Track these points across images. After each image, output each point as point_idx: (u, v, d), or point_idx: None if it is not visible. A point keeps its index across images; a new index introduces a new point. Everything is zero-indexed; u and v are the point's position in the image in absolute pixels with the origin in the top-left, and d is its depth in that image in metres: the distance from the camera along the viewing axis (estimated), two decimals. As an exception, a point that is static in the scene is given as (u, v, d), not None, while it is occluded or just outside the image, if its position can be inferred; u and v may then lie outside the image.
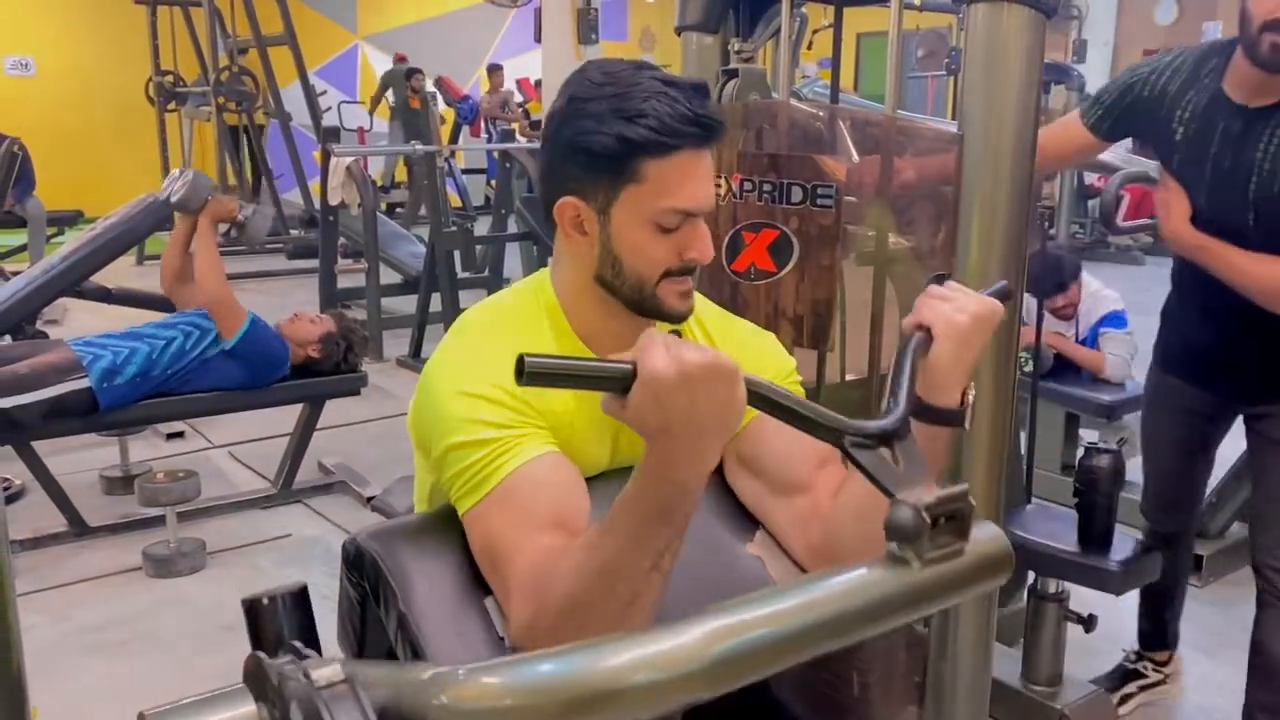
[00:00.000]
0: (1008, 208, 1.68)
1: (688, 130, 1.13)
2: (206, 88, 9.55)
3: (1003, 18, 1.63)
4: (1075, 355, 3.86)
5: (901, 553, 0.79)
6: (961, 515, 0.80)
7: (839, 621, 0.78)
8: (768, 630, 0.74)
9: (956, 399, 1.14)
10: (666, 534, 0.99)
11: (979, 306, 1.15)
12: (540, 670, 0.70)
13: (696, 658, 0.71)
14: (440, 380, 1.20)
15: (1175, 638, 2.67)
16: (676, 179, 1.15)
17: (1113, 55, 11.53)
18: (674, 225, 1.17)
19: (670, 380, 0.88)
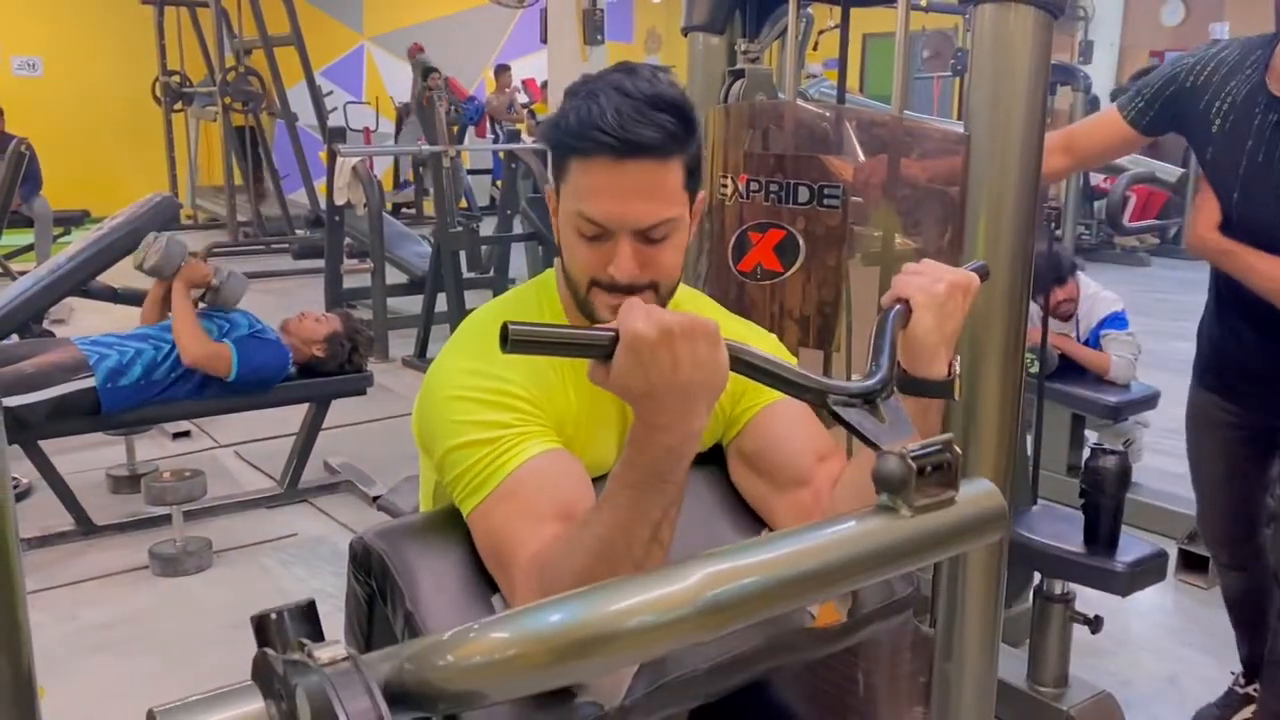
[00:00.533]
0: (1014, 208, 1.68)
1: (600, 139, 1.10)
2: (213, 88, 9.59)
3: (1010, 18, 1.63)
4: (1080, 356, 3.85)
5: (891, 502, 0.81)
6: (948, 464, 0.81)
7: (830, 569, 0.79)
8: (760, 576, 0.76)
9: (943, 370, 1.16)
10: (662, 502, 1.00)
11: (955, 276, 1.17)
12: (539, 619, 0.72)
13: (690, 601, 0.73)
14: (442, 383, 1.21)
15: None
16: (587, 185, 1.13)
17: (1119, 56, 11.50)
18: (589, 234, 1.15)
19: (651, 340, 0.90)
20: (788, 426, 1.31)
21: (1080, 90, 8.17)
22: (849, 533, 0.80)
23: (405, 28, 13.63)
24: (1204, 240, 2.03)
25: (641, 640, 0.73)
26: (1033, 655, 2.48)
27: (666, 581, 0.74)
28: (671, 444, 0.97)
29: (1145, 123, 2.09)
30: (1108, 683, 2.57)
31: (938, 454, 0.81)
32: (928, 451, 0.80)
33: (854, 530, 0.81)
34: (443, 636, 0.72)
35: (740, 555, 0.77)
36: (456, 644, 0.70)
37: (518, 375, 1.19)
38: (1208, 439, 2.32)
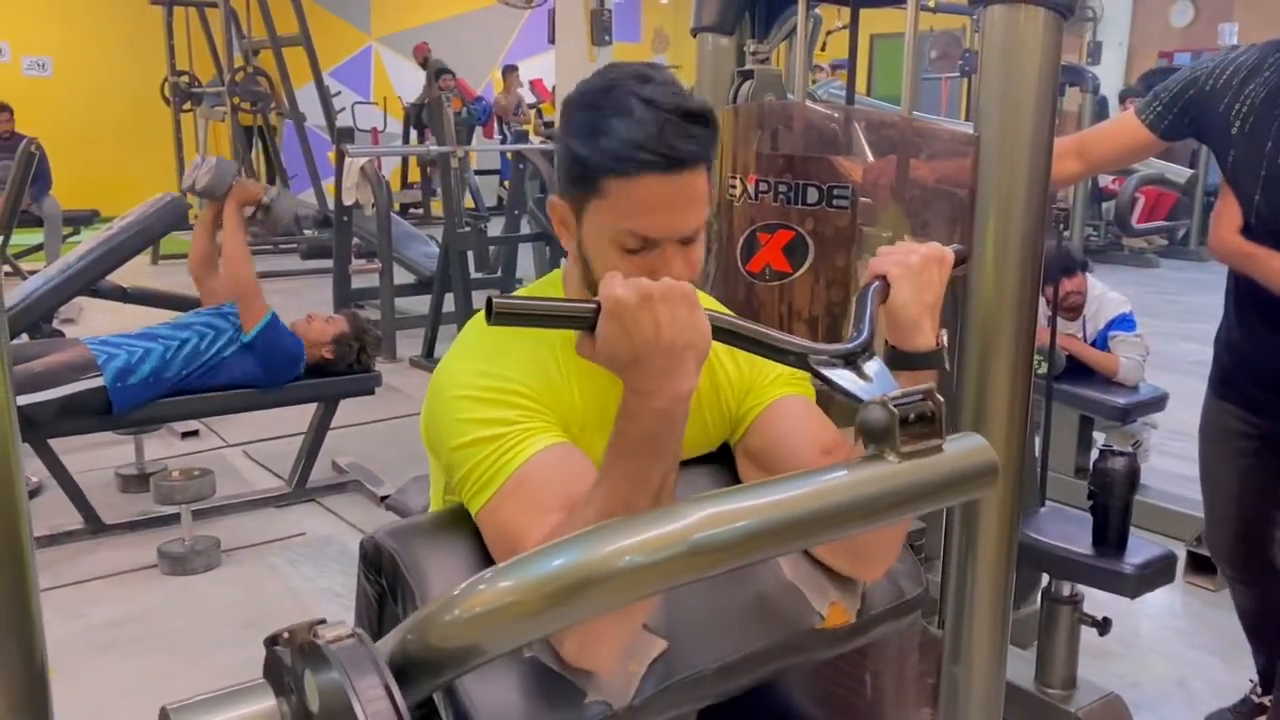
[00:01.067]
0: (1024, 209, 1.68)
1: (645, 158, 1.10)
2: (222, 88, 9.59)
3: (1019, 19, 1.62)
4: (1088, 358, 3.85)
5: (877, 450, 0.82)
6: (931, 413, 0.83)
7: (820, 515, 0.80)
8: (750, 521, 0.77)
9: (930, 341, 1.18)
10: (660, 468, 1.02)
11: (928, 249, 1.22)
12: (534, 566, 0.74)
13: (680, 541, 0.74)
14: (447, 383, 1.21)
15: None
16: (636, 204, 1.12)
17: (1128, 57, 11.48)
18: (635, 248, 1.14)
19: (631, 304, 0.95)
20: (792, 422, 1.31)
21: (1089, 91, 8.16)
22: (838, 480, 0.82)
23: (413, 28, 13.66)
24: (1225, 244, 2.02)
25: (634, 580, 0.74)
26: (1041, 657, 2.48)
27: (659, 523, 0.76)
28: (662, 408, 1.00)
29: (1164, 127, 2.08)
30: (1116, 685, 2.57)
31: (920, 402, 0.83)
32: (910, 400, 0.82)
33: (843, 478, 0.82)
34: (439, 600, 0.74)
35: (732, 499, 0.78)
36: (454, 602, 0.72)
37: (522, 374, 1.19)
38: (1223, 452, 2.27)
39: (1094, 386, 3.81)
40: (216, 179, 3.54)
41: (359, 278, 6.36)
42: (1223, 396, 2.25)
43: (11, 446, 0.76)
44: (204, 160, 3.64)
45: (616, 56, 7.64)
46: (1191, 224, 9.37)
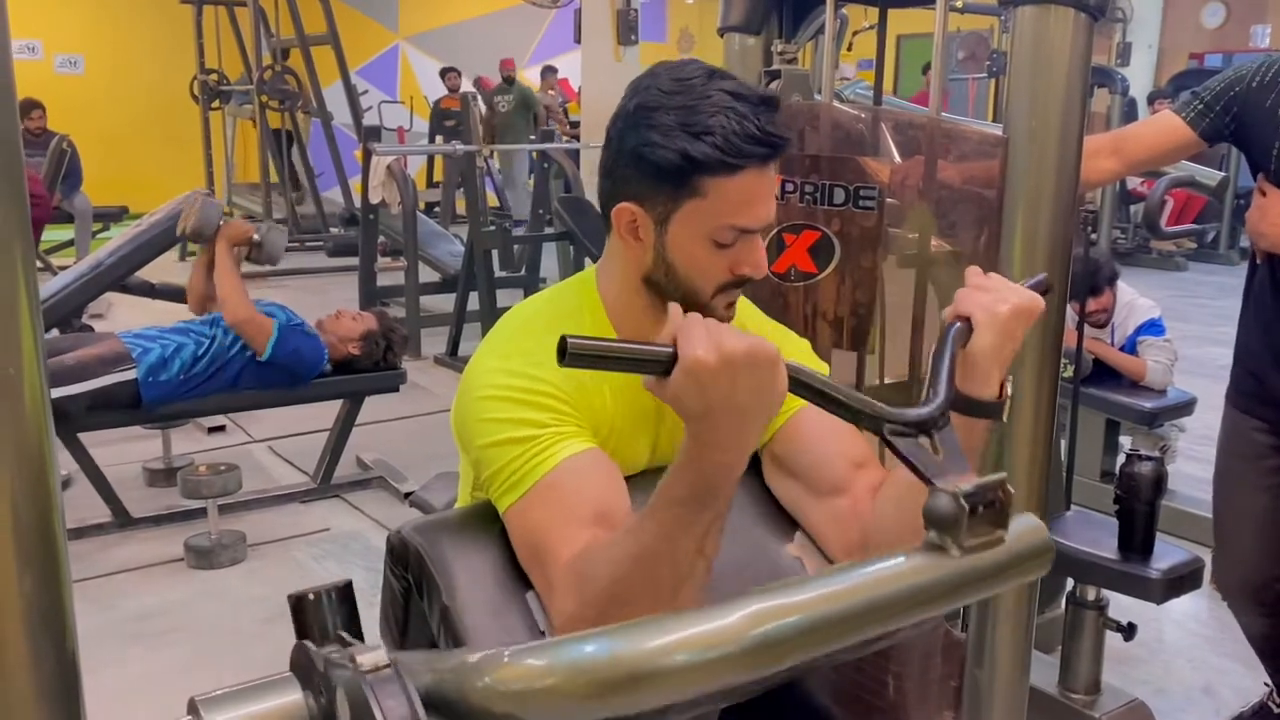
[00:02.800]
0: (1052, 212, 1.67)
1: (753, 150, 1.11)
2: (250, 87, 9.68)
3: (1049, 20, 1.62)
4: (1116, 361, 3.82)
5: (940, 540, 0.80)
6: (1000, 504, 0.80)
7: (877, 608, 0.78)
8: (807, 615, 0.75)
9: (995, 391, 1.14)
10: (708, 516, 1.00)
11: (1019, 298, 1.14)
12: (582, 651, 0.71)
13: (735, 639, 0.72)
14: (481, 379, 1.21)
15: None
16: (739, 198, 1.14)
17: (1157, 59, 11.38)
18: (731, 241, 1.16)
19: (711, 366, 0.90)
20: (822, 431, 1.31)
21: (1118, 93, 8.09)
22: (896, 571, 0.79)
23: (440, 27, 13.72)
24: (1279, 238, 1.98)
25: (683, 678, 0.71)
26: (1065, 662, 2.46)
27: (710, 619, 0.72)
28: (723, 462, 0.97)
29: (1205, 125, 2.05)
30: (1141, 691, 2.55)
31: (990, 494, 0.80)
32: (981, 492, 0.79)
33: (902, 568, 0.79)
34: (484, 655, 0.72)
35: (786, 593, 0.75)
36: (495, 666, 0.70)
37: (554, 374, 1.19)
38: (1243, 470, 2.21)
39: (1120, 390, 3.78)
40: (202, 221, 3.53)
41: (384, 275, 6.40)
42: (1245, 410, 2.19)
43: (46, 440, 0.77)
44: (188, 197, 3.63)
45: (642, 56, 7.65)
46: (1221, 227, 9.29)
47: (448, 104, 11.34)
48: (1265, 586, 2.24)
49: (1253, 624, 2.32)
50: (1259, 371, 2.15)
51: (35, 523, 0.77)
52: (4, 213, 0.71)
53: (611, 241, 1.26)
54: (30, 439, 0.75)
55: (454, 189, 10.02)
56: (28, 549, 0.76)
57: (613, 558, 1.03)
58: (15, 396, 0.73)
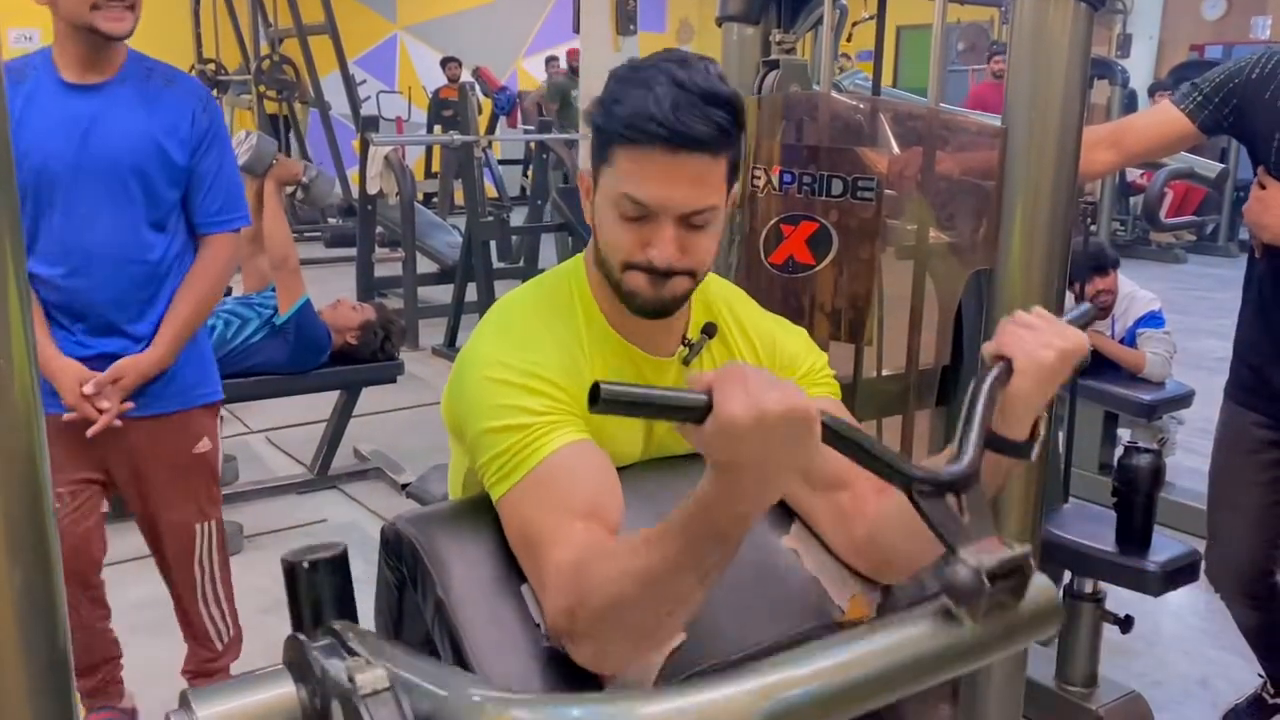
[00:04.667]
0: (1051, 203, 1.66)
1: (654, 130, 1.10)
2: (247, 76, 9.65)
3: (1049, 10, 1.61)
4: (1115, 353, 3.82)
5: (956, 611, 0.79)
6: (1021, 577, 0.79)
7: (885, 679, 0.77)
8: (815, 687, 0.74)
9: (1027, 433, 1.10)
10: (719, 554, 0.98)
11: (1065, 342, 1.08)
12: (584, 715, 0.70)
13: (748, 713, 0.70)
14: (474, 366, 1.21)
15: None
16: (640, 172, 1.14)
17: (1158, 50, 11.36)
18: (633, 215, 1.16)
19: (746, 425, 0.86)
20: None
21: (1118, 84, 8.08)
22: (907, 641, 0.79)
23: (438, 17, 13.67)
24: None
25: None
26: (1062, 654, 2.47)
27: (722, 688, 0.71)
28: (742, 513, 0.95)
29: (1203, 116, 2.05)
30: (1137, 683, 2.56)
31: (1012, 568, 0.79)
32: (1003, 567, 0.78)
33: (913, 637, 0.79)
34: (488, 696, 0.70)
35: (794, 665, 0.75)
36: (497, 709, 0.69)
37: (550, 361, 1.19)
38: (1241, 464, 2.20)
39: (1119, 382, 3.78)
40: (256, 158, 3.57)
41: (382, 266, 6.38)
42: (1243, 404, 2.19)
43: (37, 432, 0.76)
44: (246, 135, 3.66)
45: (641, 46, 7.62)
46: (1221, 219, 9.28)
47: (446, 94, 11.32)
48: (1257, 579, 2.25)
49: (1245, 617, 2.32)
50: (1258, 365, 2.15)
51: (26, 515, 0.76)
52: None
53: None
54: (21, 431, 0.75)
55: (452, 180, 10.01)
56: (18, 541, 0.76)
57: (614, 574, 1.02)
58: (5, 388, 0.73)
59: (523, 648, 1.12)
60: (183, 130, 2.13)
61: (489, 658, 1.11)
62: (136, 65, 2.15)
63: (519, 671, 1.10)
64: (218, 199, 2.19)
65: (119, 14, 2.00)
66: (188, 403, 2.27)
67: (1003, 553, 0.79)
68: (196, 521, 2.36)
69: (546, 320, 1.24)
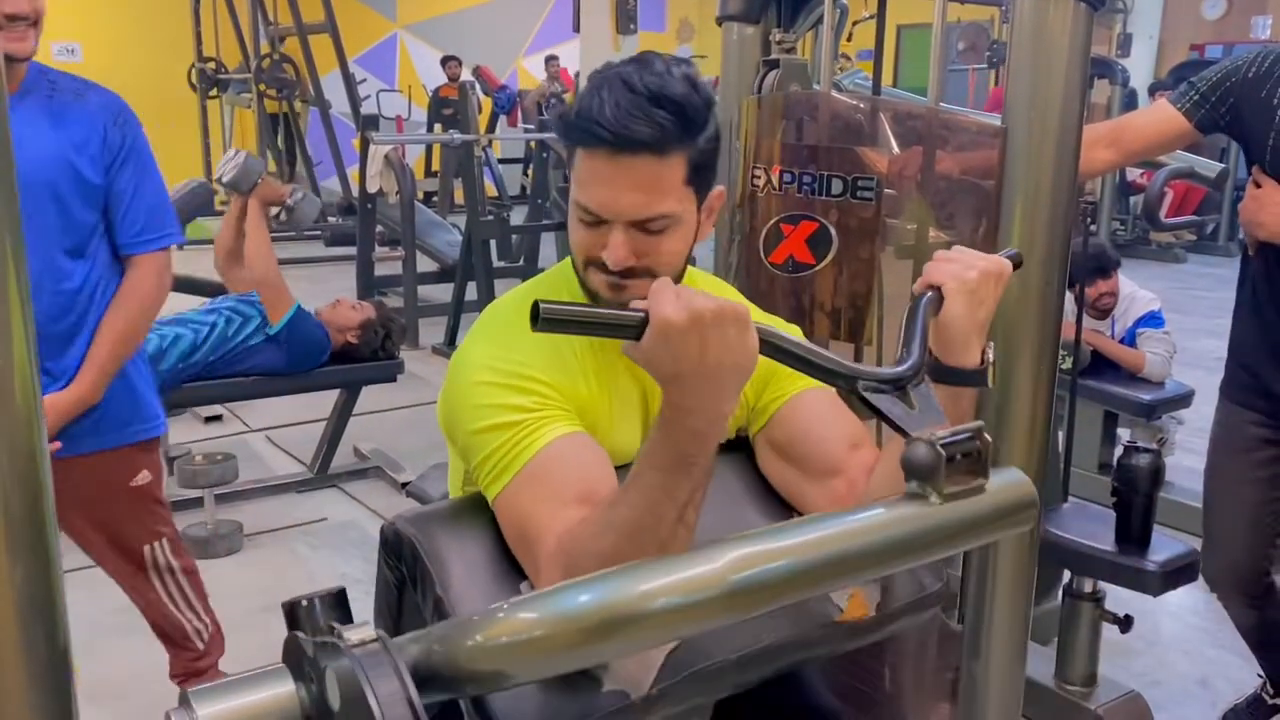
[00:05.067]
0: (1051, 202, 1.66)
1: (596, 131, 1.11)
2: (248, 75, 9.66)
3: (1049, 10, 1.61)
4: (1114, 353, 3.82)
5: (920, 489, 0.81)
6: (978, 452, 0.81)
7: (859, 555, 0.79)
8: (788, 560, 0.76)
9: (976, 358, 1.16)
10: (689, 484, 1.01)
11: (987, 263, 1.16)
12: (567, 600, 0.72)
13: (716, 584, 0.73)
14: (463, 370, 1.22)
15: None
16: (589, 177, 1.15)
17: (1158, 50, 11.35)
18: (587, 220, 1.17)
19: (680, 325, 0.91)
20: (818, 415, 1.31)
21: (1118, 84, 8.08)
22: (878, 519, 0.81)
23: (438, 16, 13.67)
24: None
25: (668, 621, 0.73)
26: (1061, 654, 2.47)
27: (694, 563, 0.74)
28: (699, 427, 0.98)
29: (1200, 115, 2.05)
30: (1137, 683, 2.56)
31: (967, 441, 0.81)
32: (957, 439, 0.81)
33: (883, 517, 0.81)
34: (471, 618, 0.72)
35: (768, 539, 0.77)
36: (484, 625, 0.71)
37: (539, 360, 1.19)
38: (1240, 465, 2.19)
39: (1119, 382, 3.78)
40: (241, 175, 3.57)
41: (382, 265, 6.39)
42: (1239, 402, 2.19)
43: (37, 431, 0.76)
44: (235, 153, 3.67)
45: (642, 45, 7.62)
46: (1221, 219, 9.28)
47: (446, 93, 11.32)
48: (1253, 579, 2.24)
49: (1242, 616, 2.32)
50: (1253, 365, 2.15)
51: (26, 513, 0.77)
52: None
53: None
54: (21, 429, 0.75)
55: (452, 178, 10.01)
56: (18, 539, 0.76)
57: (597, 532, 1.04)
58: (6, 387, 0.73)
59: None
60: (94, 146, 1.97)
61: (488, 656, 1.11)
62: (38, 78, 1.95)
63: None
64: (139, 218, 2.04)
65: (22, 33, 1.84)
66: (120, 440, 2.12)
67: (957, 428, 0.81)
68: (145, 544, 2.26)
69: None
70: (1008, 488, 0.84)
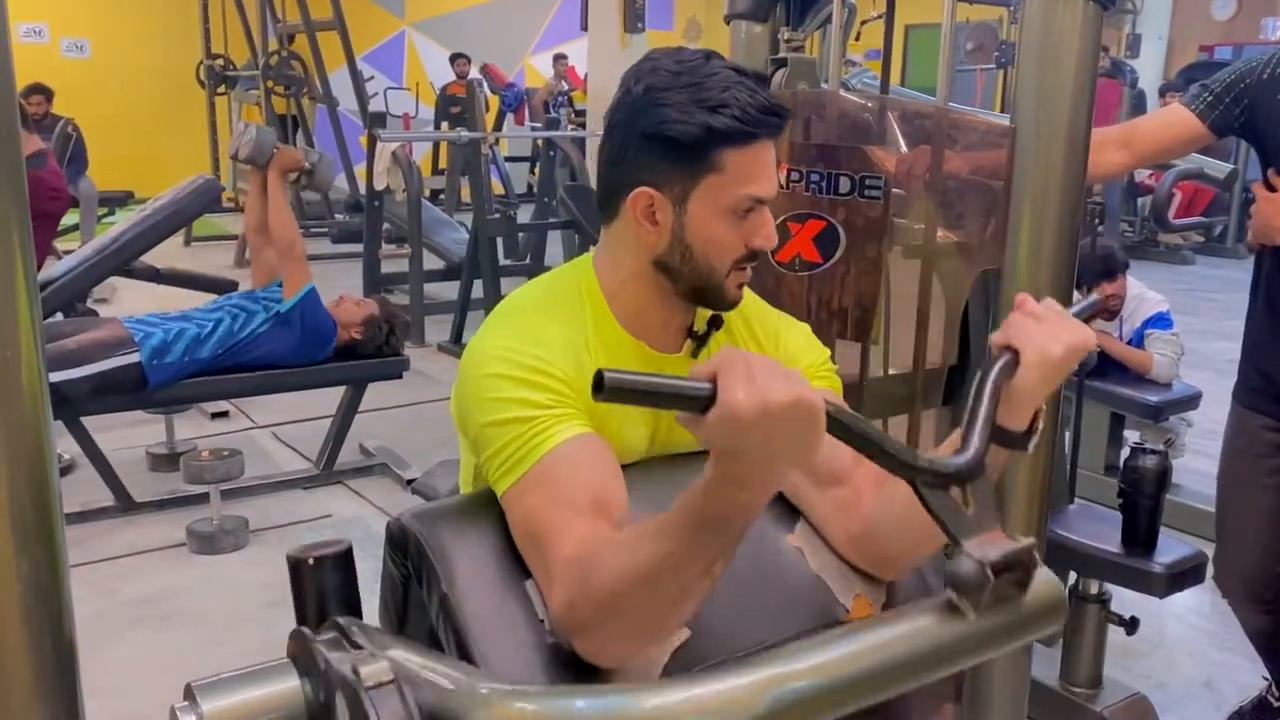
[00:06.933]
0: (1059, 203, 1.66)
1: (767, 120, 1.16)
2: (256, 72, 9.67)
3: (1059, 10, 1.61)
4: (1122, 354, 3.81)
5: (959, 603, 0.79)
6: (1025, 569, 0.79)
7: (890, 671, 0.78)
8: (819, 680, 0.74)
9: (1027, 424, 1.10)
10: (722, 543, 0.97)
11: (1073, 336, 1.08)
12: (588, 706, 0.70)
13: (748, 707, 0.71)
14: (479, 361, 1.21)
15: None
16: (755, 168, 1.17)
17: (1167, 50, 11.33)
18: (747, 210, 1.19)
19: (749, 417, 0.84)
20: None
21: (1127, 85, 8.06)
22: (910, 633, 0.79)
23: (446, 14, 13.68)
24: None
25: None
26: (1066, 655, 2.46)
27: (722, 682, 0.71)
28: (746, 500, 0.94)
29: (1214, 117, 2.03)
30: (1142, 685, 2.55)
31: (1016, 562, 0.78)
32: (1008, 558, 0.78)
33: (916, 629, 0.79)
34: (493, 688, 0.70)
35: (798, 657, 0.75)
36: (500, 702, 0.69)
37: (554, 355, 1.19)
38: (1252, 470, 2.17)
39: (1125, 384, 3.77)
40: (257, 149, 3.59)
41: (389, 263, 6.39)
42: (1252, 407, 2.16)
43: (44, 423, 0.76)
44: (245, 128, 3.68)
45: (650, 44, 7.61)
46: (1229, 220, 9.25)
47: (454, 90, 11.32)
48: (1266, 584, 2.22)
49: (1252, 621, 2.31)
50: (1267, 368, 2.13)
51: (33, 507, 0.77)
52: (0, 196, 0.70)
53: (615, 229, 1.25)
54: (28, 422, 0.75)
55: (459, 176, 10.01)
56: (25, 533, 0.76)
57: (617, 566, 1.01)
58: (13, 380, 0.73)
59: (527, 643, 1.12)
60: None
61: (493, 653, 1.11)
62: None
63: (523, 666, 1.10)
64: None
65: None
66: None
67: (1007, 545, 0.79)
68: None
69: (552, 316, 1.24)
70: (1040, 591, 0.82)
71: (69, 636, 0.81)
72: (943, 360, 1.94)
